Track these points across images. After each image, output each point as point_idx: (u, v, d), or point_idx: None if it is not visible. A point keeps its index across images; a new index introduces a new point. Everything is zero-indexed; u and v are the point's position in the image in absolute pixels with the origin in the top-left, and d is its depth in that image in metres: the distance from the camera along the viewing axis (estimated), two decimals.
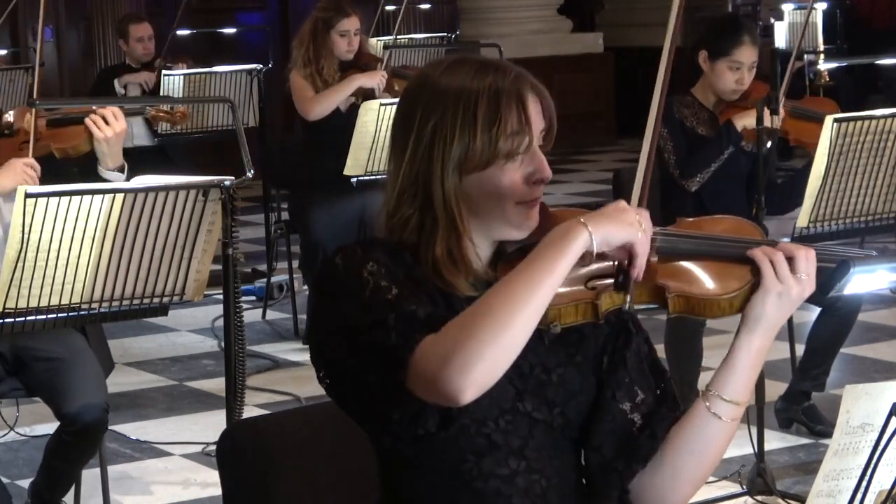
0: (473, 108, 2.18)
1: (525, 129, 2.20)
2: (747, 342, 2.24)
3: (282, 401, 6.04)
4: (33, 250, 3.72)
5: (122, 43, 8.81)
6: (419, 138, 2.20)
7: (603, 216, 2.12)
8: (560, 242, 2.08)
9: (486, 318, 2.03)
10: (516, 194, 2.20)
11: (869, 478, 1.92)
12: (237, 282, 3.96)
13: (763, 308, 2.22)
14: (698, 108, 5.33)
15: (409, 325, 2.07)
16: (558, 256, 2.07)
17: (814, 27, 9.74)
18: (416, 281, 2.16)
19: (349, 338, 2.12)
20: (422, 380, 2.05)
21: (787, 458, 5.22)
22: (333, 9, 6.76)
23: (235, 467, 2.45)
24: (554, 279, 2.07)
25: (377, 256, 2.15)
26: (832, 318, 5.31)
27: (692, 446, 2.26)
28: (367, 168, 6.27)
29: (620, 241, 2.12)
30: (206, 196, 3.87)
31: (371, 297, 2.11)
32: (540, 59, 12.32)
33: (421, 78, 2.26)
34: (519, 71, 2.23)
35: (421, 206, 2.20)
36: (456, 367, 2.01)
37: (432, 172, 2.19)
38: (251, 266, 8.18)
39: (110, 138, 4.25)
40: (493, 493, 2.18)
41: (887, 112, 4.76)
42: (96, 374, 4.21)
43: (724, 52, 5.24)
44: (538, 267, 2.07)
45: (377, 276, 2.13)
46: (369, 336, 2.09)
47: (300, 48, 6.78)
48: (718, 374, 2.25)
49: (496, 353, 2.02)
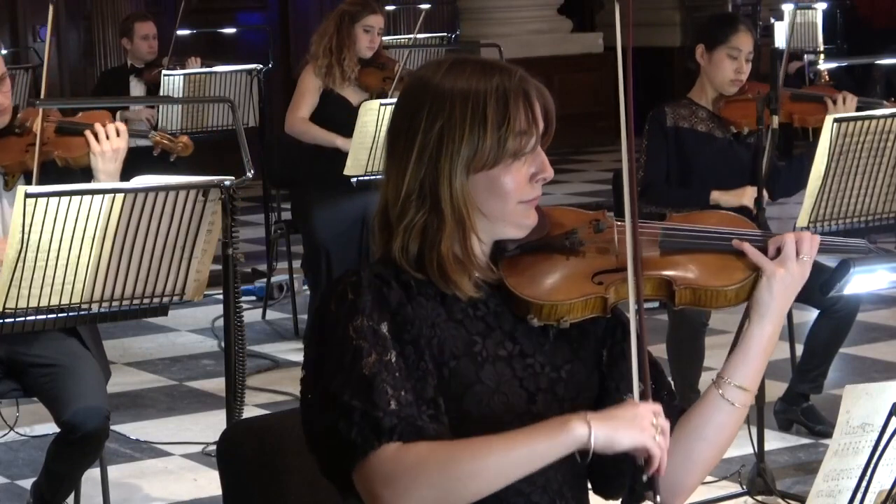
0: (483, 107, 2.19)
1: (532, 128, 2.22)
2: (759, 329, 2.29)
3: (282, 401, 6.04)
4: (33, 250, 3.71)
5: (125, 42, 8.77)
6: (425, 140, 2.20)
7: (613, 419, 2.10)
8: (555, 429, 2.09)
9: (447, 462, 2.07)
10: (520, 193, 2.23)
11: (869, 478, 1.92)
12: (237, 282, 3.96)
13: (769, 293, 2.26)
14: (696, 108, 5.34)
15: (372, 429, 2.09)
16: (545, 440, 2.08)
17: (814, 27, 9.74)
18: (401, 325, 2.17)
19: (324, 393, 2.15)
20: (364, 487, 2.11)
21: (787, 458, 5.22)
22: (361, 3, 6.78)
23: (235, 467, 2.46)
24: (532, 458, 2.09)
25: (363, 306, 2.16)
26: (831, 320, 5.31)
27: (705, 433, 2.30)
28: (368, 168, 6.27)
29: (629, 447, 2.10)
30: (206, 196, 3.87)
31: (351, 365, 2.13)
32: (540, 59, 12.32)
33: (421, 81, 2.25)
34: (522, 72, 2.26)
35: (428, 207, 2.21)
36: (397, 495, 2.06)
37: (440, 173, 2.20)
38: (251, 266, 8.18)
39: (106, 153, 4.18)
40: (513, 493, 2.20)
41: (887, 112, 4.77)
42: (96, 380, 4.18)
43: (722, 39, 5.26)
44: (522, 441, 2.09)
45: (361, 334, 2.14)
46: (335, 415, 2.12)
47: (321, 40, 6.78)
48: (731, 362, 2.30)
49: (439, 502, 2.07)
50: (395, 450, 2.08)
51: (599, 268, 2.25)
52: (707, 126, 5.31)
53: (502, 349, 2.24)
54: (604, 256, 2.26)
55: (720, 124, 5.32)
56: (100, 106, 4.68)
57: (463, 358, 2.20)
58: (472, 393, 2.18)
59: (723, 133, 5.31)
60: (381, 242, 2.27)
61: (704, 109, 5.34)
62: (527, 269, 2.26)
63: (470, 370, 2.20)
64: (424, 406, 2.13)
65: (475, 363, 2.20)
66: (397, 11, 13.02)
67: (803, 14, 9.83)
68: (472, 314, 2.24)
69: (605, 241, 2.30)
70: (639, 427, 2.09)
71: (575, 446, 2.07)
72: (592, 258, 2.26)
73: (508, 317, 2.26)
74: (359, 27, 6.74)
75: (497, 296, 2.26)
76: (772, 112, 4.89)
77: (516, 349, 2.25)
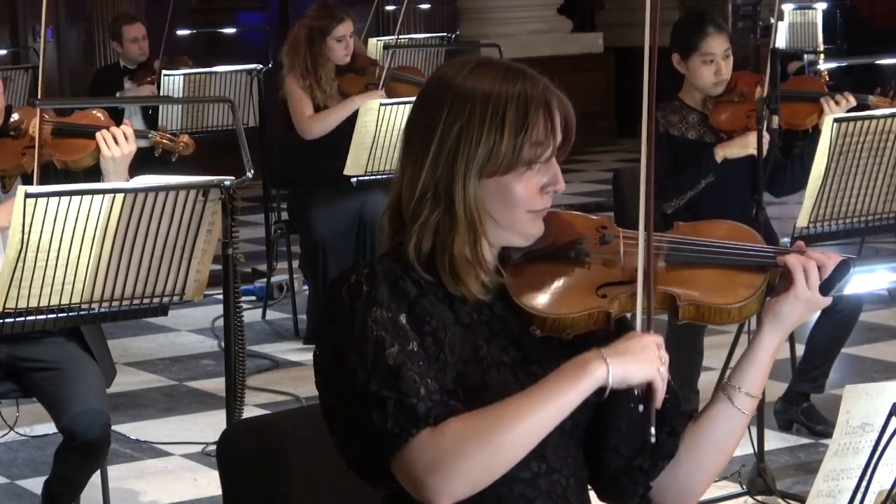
0: (503, 111, 2.18)
1: (549, 139, 2.21)
2: (771, 340, 2.31)
3: (282, 401, 6.04)
4: (33, 250, 3.71)
5: (115, 45, 8.79)
6: (443, 140, 2.19)
7: (626, 353, 2.13)
8: (576, 374, 2.11)
9: (486, 435, 2.07)
10: (529, 202, 2.22)
11: (869, 478, 1.92)
12: (237, 282, 3.96)
13: (791, 311, 2.29)
14: (686, 112, 5.32)
15: (407, 417, 2.09)
16: (570, 388, 2.10)
17: (814, 27, 9.73)
18: (420, 317, 2.16)
19: (349, 388, 2.14)
20: (406, 475, 2.10)
21: (787, 458, 5.22)
22: (327, 16, 6.78)
23: (235, 467, 2.45)
24: (562, 411, 2.10)
25: (381, 297, 2.15)
26: (832, 321, 5.31)
27: (715, 439, 2.33)
28: (368, 168, 6.27)
29: (639, 381, 2.13)
30: (206, 196, 3.87)
31: (374, 357, 2.12)
32: (540, 59, 12.31)
33: (443, 79, 2.24)
34: (547, 81, 2.24)
35: (442, 207, 2.20)
36: (443, 478, 2.07)
37: (455, 173, 2.19)
38: (251, 266, 8.18)
39: (117, 158, 4.24)
40: (518, 498, 2.21)
41: (887, 112, 4.77)
42: (97, 384, 4.18)
43: (693, 47, 5.24)
44: (548, 395, 2.10)
45: (381, 325, 2.13)
46: (365, 408, 2.11)
47: (295, 57, 6.79)
48: (740, 371, 2.32)
49: (484, 475, 2.09)
50: (429, 434, 2.08)
51: (604, 280, 2.25)
52: (697, 132, 5.28)
53: (506, 355, 2.24)
54: (609, 268, 2.25)
55: (711, 128, 5.29)
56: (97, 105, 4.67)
57: (470, 362, 2.20)
58: (478, 398, 2.17)
59: (714, 137, 5.28)
60: (390, 236, 2.26)
61: (695, 112, 5.31)
62: (532, 279, 2.25)
63: (476, 374, 2.20)
64: (447, 396, 2.13)
65: (481, 367, 2.20)
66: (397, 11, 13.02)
67: (803, 14, 9.83)
68: (477, 319, 2.24)
69: (611, 252, 2.28)
70: (647, 360, 2.13)
71: (597, 385, 2.10)
72: (598, 270, 2.25)
73: (513, 322, 2.26)
74: (331, 40, 6.76)
75: (503, 300, 2.26)
76: (772, 112, 4.88)
77: (520, 356, 2.25)
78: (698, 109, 5.31)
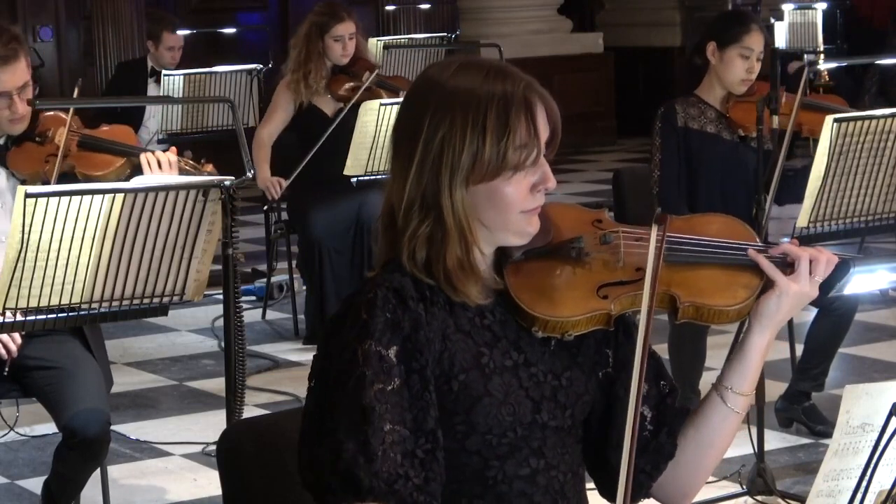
0: (483, 117, 2.16)
1: (534, 141, 2.19)
2: (760, 337, 2.31)
3: (282, 401, 6.04)
4: (33, 250, 3.71)
5: (150, 45, 8.72)
6: (427, 150, 2.18)
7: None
8: None
9: None
10: (521, 203, 2.21)
11: (869, 478, 1.92)
12: (237, 282, 3.96)
13: (778, 306, 2.28)
14: (705, 107, 5.33)
15: (350, 483, 2.08)
16: None
17: (814, 27, 9.73)
18: (411, 352, 2.15)
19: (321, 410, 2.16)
20: None
21: (787, 458, 5.22)
22: (328, 13, 6.78)
23: (235, 467, 2.45)
24: None
25: (374, 328, 2.14)
26: (830, 319, 5.31)
27: (710, 439, 2.35)
28: (367, 168, 6.27)
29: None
30: (206, 196, 3.86)
31: (352, 391, 2.12)
32: (540, 59, 12.31)
33: (428, 82, 2.23)
34: (529, 80, 2.22)
35: (433, 217, 2.19)
36: None
37: (441, 184, 2.17)
38: (251, 266, 8.18)
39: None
40: (517, 494, 2.21)
41: (887, 112, 4.76)
42: (97, 384, 4.17)
43: (735, 39, 5.25)
44: None
45: (367, 360, 2.12)
46: (324, 449, 2.12)
47: (293, 50, 6.83)
48: (731, 371, 2.33)
49: None
50: None
51: (605, 280, 2.24)
52: (716, 127, 5.30)
53: (508, 359, 2.23)
54: (609, 268, 2.25)
55: (728, 126, 5.31)
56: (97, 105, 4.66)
57: (472, 371, 2.19)
58: (480, 406, 2.18)
59: (730, 135, 5.30)
60: (386, 242, 2.25)
61: (713, 109, 5.32)
62: (532, 279, 2.25)
63: (479, 383, 2.19)
64: (423, 439, 2.12)
65: (483, 375, 2.20)
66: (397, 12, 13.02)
67: (803, 14, 9.83)
68: (478, 323, 2.23)
69: (611, 251, 2.28)
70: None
71: None
72: (598, 270, 2.25)
73: (513, 325, 2.25)
74: (328, 38, 6.76)
75: (503, 303, 2.26)
76: (772, 112, 4.88)
77: (521, 358, 2.25)
78: (716, 107, 5.32)
